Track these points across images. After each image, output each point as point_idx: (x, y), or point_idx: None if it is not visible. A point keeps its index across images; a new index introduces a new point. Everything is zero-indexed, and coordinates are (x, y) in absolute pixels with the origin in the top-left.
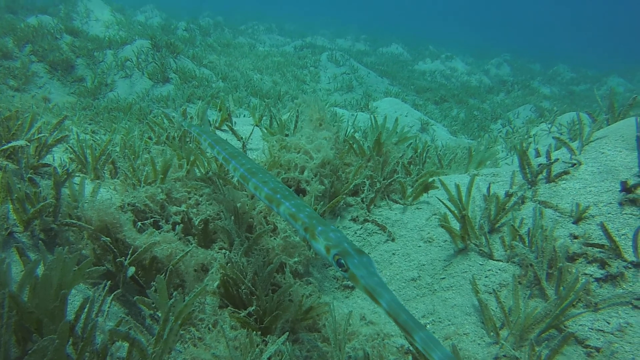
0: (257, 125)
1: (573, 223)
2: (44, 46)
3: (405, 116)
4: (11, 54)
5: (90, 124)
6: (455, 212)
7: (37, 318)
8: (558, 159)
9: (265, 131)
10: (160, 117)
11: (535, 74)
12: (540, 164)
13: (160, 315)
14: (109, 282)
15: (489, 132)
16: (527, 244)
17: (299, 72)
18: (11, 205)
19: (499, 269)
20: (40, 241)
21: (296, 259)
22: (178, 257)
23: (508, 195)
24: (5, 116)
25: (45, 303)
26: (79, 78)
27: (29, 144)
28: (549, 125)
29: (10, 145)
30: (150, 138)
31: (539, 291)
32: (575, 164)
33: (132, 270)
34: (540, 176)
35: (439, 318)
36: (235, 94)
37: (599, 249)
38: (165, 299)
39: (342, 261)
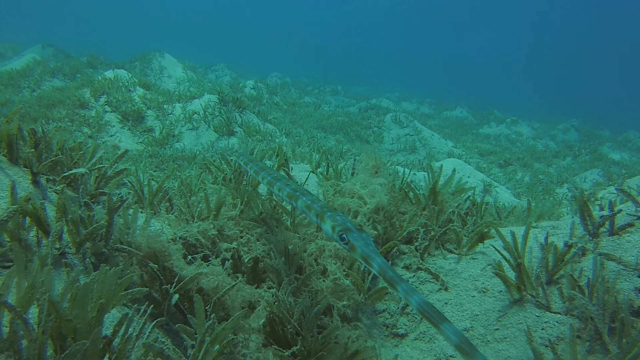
0: (313, 172)
1: (638, 277)
2: (118, 97)
3: (468, 177)
4: (88, 103)
5: (155, 171)
6: (511, 260)
7: (74, 327)
8: (622, 210)
9: (321, 177)
10: (219, 161)
11: (604, 140)
12: (603, 216)
13: (197, 341)
14: (152, 306)
15: (554, 196)
16: (587, 296)
17: (363, 132)
18: (66, 227)
19: (557, 322)
20: (90, 264)
21: (345, 302)
22: (224, 290)
23: (567, 246)
24: (70, 147)
25: (83, 313)
26: (148, 128)
27: (89, 172)
28: (617, 188)
29: (71, 172)
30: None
31: (600, 346)
32: None
33: (176, 297)
34: (602, 228)
35: None
36: (298, 149)
37: None
38: (203, 319)
39: (344, 235)
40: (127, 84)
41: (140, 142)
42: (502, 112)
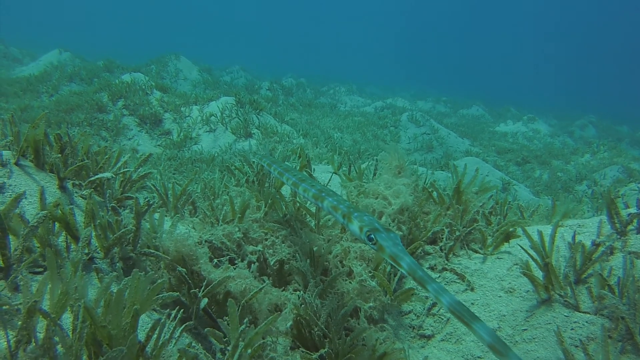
0: (335, 173)
1: None
2: (136, 101)
3: (487, 175)
4: (105, 107)
5: (174, 174)
6: (539, 260)
7: (109, 333)
8: None
9: (344, 177)
10: (241, 163)
11: (623, 136)
12: (630, 214)
13: (230, 345)
14: (181, 310)
15: (574, 193)
16: (617, 295)
17: (379, 132)
18: (94, 232)
19: (586, 322)
20: (120, 268)
21: (371, 304)
22: (252, 293)
23: (595, 244)
24: (95, 151)
25: (117, 319)
26: (166, 131)
27: (114, 176)
28: (639, 185)
29: (97, 177)
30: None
31: (632, 346)
32: None
33: (205, 301)
34: (630, 226)
35: None
36: (316, 150)
37: None
38: (236, 324)
39: (372, 236)
40: (144, 87)
41: (159, 145)
42: (519, 110)
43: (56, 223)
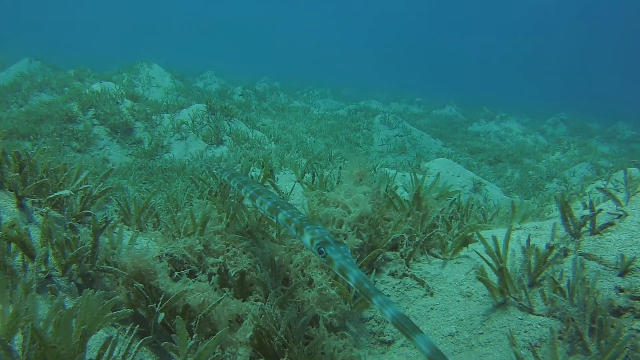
0: (299, 181)
1: (619, 276)
2: (106, 110)
3: (458, 176)
4: (75, 117)
5: (144, 183)
6: (493, 264)
7: (58, 353)
8: (602, 210)
9: (306, 187)
10: (205, 173)
11: (593, 133)
12: (584, 216)
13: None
14: (137, 326)
15: (543, 191)
16: (567, 297)
17: (352, 135)
18: (51, 250)
19: (539, 324)
20: (75, 287)
21: (331, 312)
22: (210, 306)
23: (549, 247)
24: (55, 168)
25: (67, 339)
26: (137, 140)
27: (73, 193)
28: (605, 182)
29: (56, 194)
30: (190, 197)
31: (582, 347)
32: (621, 215)
33: (162, 316)
34: (584, 228)
35: None
36: (287, 155)
37: None
38: (185, 339)
39: (322, 249)
40: (114, 96)
41: (130, 154)
42: (492, 109)
43: (12, 243)
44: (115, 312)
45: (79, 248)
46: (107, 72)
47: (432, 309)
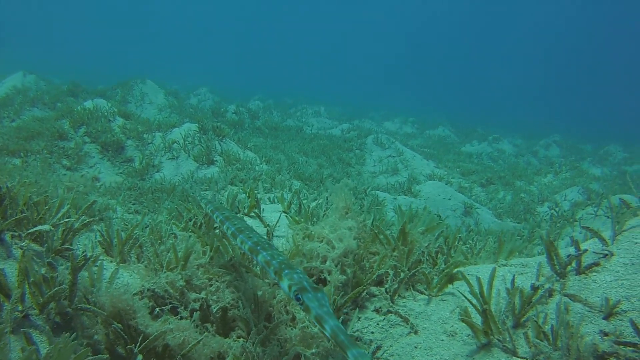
0: (285, 212)
1: (603, 319)
2: (98, 128)
3: (449, 199)
4: (67, 135)
5: (134, 204)
6: (477, 305)
7: None
8: (587, 250)
9: (291, 219)
10: (190, 202)
11: (585, 154)
12: (570, 255)
13: None
14: None
15: (534, 216)
16: (551, 342)
17: (345, 155)
18: (28, 289)
19: None
20: (52, 325)
21: (314, 350)
22: (190, 346)
23: (534, 288)
24: (35, 201)
25: None
26: (128, 159)
27: (53, 229)
28: (595, 209)
29: (36, 229)
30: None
31: None
32: (606, 255)
33: (139, 358)
34: (569, 267)
35: None
36: (278, 177)
37: (631, 348)
38: None
39: (299, 296)
40: (106, 114)
41: (120, 173)
42: (485, 129)
43: None
44: (90, 358)
45: (56, 289)
46: (101, 87)
47: (416, 347)
